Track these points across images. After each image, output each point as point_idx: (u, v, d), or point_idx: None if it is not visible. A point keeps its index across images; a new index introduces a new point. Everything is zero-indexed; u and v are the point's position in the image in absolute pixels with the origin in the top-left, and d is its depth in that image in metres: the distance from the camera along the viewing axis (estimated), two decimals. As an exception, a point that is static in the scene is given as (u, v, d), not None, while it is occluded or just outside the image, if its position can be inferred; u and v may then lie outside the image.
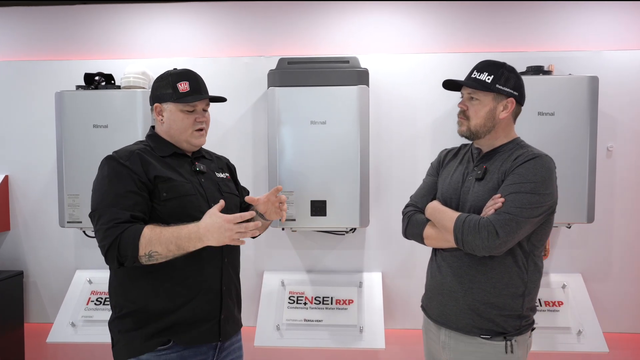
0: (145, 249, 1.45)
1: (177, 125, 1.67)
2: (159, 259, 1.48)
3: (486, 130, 1.67)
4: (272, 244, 2.86)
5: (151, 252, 1.46)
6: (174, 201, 1.57)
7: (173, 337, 1.57)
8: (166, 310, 1.57)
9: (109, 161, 1.59)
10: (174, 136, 1.69)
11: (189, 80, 1.67)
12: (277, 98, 2.51)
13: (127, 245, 1.45)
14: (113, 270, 1.62)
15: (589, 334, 2.52)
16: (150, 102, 1.73)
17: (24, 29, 2.96)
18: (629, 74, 2.72)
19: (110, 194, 1.53)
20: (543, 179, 1.56)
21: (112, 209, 1.51)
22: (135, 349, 1.56)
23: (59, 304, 2.78)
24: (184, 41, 2.91)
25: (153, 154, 1.64)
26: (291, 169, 2.51)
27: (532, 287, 1.64)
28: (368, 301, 2.68)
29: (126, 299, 1.60)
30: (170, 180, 1.60)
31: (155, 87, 1.70)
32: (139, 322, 1.57)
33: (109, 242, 1.47)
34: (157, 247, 1.46)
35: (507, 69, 1.66)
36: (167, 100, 1.66)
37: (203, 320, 1.62)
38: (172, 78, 1.67)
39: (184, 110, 1.66)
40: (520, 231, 1.54)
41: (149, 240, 1.45)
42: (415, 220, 1.78)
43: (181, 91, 1.65)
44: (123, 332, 1.59)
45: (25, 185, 2.94)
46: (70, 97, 2.59)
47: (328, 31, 2.87)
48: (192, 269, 1.60)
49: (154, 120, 1.74)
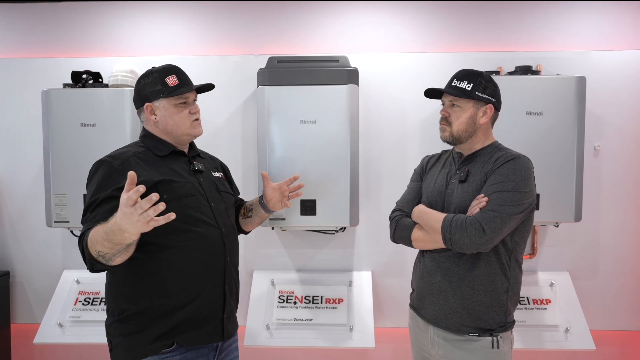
0: (92, 250, 1.39)
1: (174, 120, 1.65)
2: (112, 257, 1.38)
3: (467, 135, 1.75)
4: (262, 243, 2.86)
5: (99, 252, 1.38)
6: (173, 202, 1.54)
7: (177, 339, 1.55)
8: (170, 311, 1.55)
9: (101, 165, 1.55)
10: (171, 132, 1.66)
11: (176, 74, 1.66)
12: (267, 97, 2.50)
13: (83, 251, 1.43)
14: (113, 272, 1.59)
15: (576, 332, 2.55)
16: (138, 103, 1.68)
17: (10, 26, 2.92)
18: (616, 74, 2.75)
19: (93, 200, 1.50)
20: (523, 177, 1.64)
21: (91, 215, 1.48)
22: (139, 352, 1.54)
23: (46, 305, 2.75)
24: (172, 39, 2.89)
25: (151, 155, 1.62)
26: (281, 168, 2.50)
27: (514, 282, 1.72)
28: (358, 300, 2.68)
29: (127, 301, 1.56)
30: (171, 182, 1.57)
31: (141, 86, 1.66)
32: (142, 324, 1.54)
33: (80, 248, 1.45)
34: (99, 246, 1.37)
35: (485, 78, 1.75)
36: (158, 97, 1.64)
37: (206, 319, 1.61)
38: (158, 74, 1.65)
39: (177, 104, 1.65)
40: (505, 228, 1.60)
41: (91, 241, 1.39)
42: (402, 224, 1.83)
43: (171, 85, 1.64)
44: (125, 335, 1.55)
45: (11, 184, 2.91)
46: (57, 96, 2.56)
47: (318, 30, 2.86)
48: (196, 268, 1.59)
49: (143, 122, 1.70)
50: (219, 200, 1.72)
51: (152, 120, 1.66)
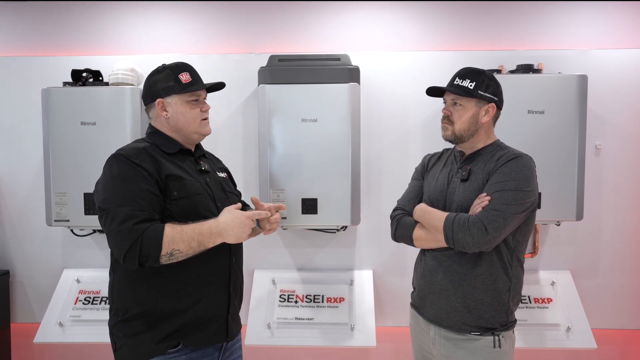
0: (167, 247, 1.43)
1: (186, 117, 1.64)
2: (179, 258, 1.47)
3: (470, 134, 1.74)
4: (263, 242, 2.85)
5: (173, 251, 1.44)
6: (184, 200, 1.54)
7: (183, 339, 1.55)
8: (175, 311, 1.54)
9: (117, 159, 1.53)
10: (182, 129, 1.65)
11: (189, 71, 1.67)
12: (268, 95, 2.49)
13: (149, 245, 1.42)
14: (118, 271, 1.58)
15: (577, 331, 2.55)
16: (149, 99, 1.66)
17: (10, 24, 2.91)
18: (618, 73, 2.74)
19: (121, 193, 1.47)
20: (525, 176, 1.63)
21: (126, 208, 1.45)
22: (144, 353, 1.52)
23: (46, 304, 2.74)
24: (173, 37, 2.88)
25: (159, 152, 1.60)
26: (282, 167, 2.50)
27: (516, 281, 1.71)
28: (359, 299, 2.68)
29: (132, 300, 1.55)
30: (181, 178, 1.57)
31: (153, 82, 1.65)
32: (147, 324, 1.53)
33: (129, 243, 1.42)
34: (180, 245, 1.44)
35: (487, 76, 1.74)
36: (171, 94, 1.63)
37: (211, 320, 1.60)
38: (171, 71, 1.65)
39: (189, 101, 1.65)
40: (507, 227, 1.60)
41: (171, 239, 1.44)
42: (404, 222, 1.83)
43: (184, 82, 1.64)
44: (130, 336, 1.54)
45: (11, 183, 2.90)
46: (57, 94, 2.55)
47: (319, 28, 2.86)
48: (201, 268, 1.58)
49: (151, 119, 1.69)
50: (224, 201, 1.71)
51: (163, 117, 1.65)
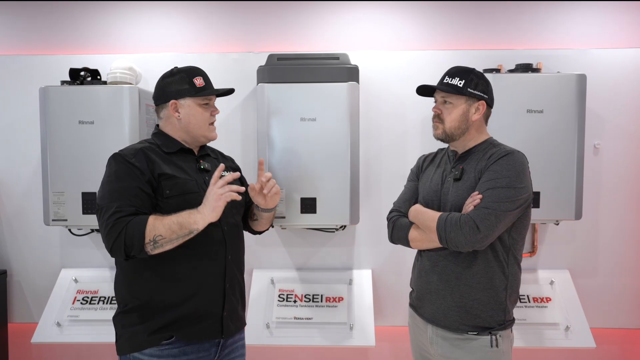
0: (150, 234, 1.50)
1: (197, 119, 1.72)
2: (164, 244, 1.51)
3: (460, 132, 1.74)
4: (261, 241, 2.84)
5: (155, 237, 1.50)
6: (176, 198, 1.61)
7: (175, 333, 1.60)
8: (169, 306, 1.60)
9: (115, 159, 1.62)
10: (191, 131, 1.73)
11: (202, 76, 1.76)
12: (267, 94, 2.48)
13: (133, 235, 1.49)
14: (119, 265, 1.66)
15: (576, 330, 2.55)
16: (161, 100, 1.73)
17: (7, 23, 2.89)
18: (617, 72, 2.74)
19: (116, 190, 1.56)
20: (517, 173, 1.62)
21: (116, 203, 1.53)
22: (138, 344, 1.60)
23: (44, 304, 2.73)
24: (171, 36, 2.88)
25: (159, 152, 1.68)
26: (281, 166, 2.49)
27: (513, 280, 1.71)
28: (358, 298, 2.68)
29: (130, 294, 1.63)
30: (174, 177, 1.64)
31: (167, 83, 1.72)
32: (142, 317, 1.60)
33: (114, 234, 1.50)
34: (161, 230, 1.50)
35: (476, 74, 1.74)
36: (185, 96, 1.71)
37: (205, 316, 1.65)
38: (186, 74, 1.73)
39: (202, 104, 1.73)
40: (500, 224, 1.59)
41: (153, 226, 1.50)
42: (399, 224, 1.83)
43: (198, 86, 1.72)
44: (127, 327, 1.62)
45: (9, 182, 2.88)
46: (55, 93, 2.53)
47: (318, 27, 2.85)
48: (196, 265, 1.63)
49: (161, 119, 1.76)
50: None
51: (175, 118, 1.72)
